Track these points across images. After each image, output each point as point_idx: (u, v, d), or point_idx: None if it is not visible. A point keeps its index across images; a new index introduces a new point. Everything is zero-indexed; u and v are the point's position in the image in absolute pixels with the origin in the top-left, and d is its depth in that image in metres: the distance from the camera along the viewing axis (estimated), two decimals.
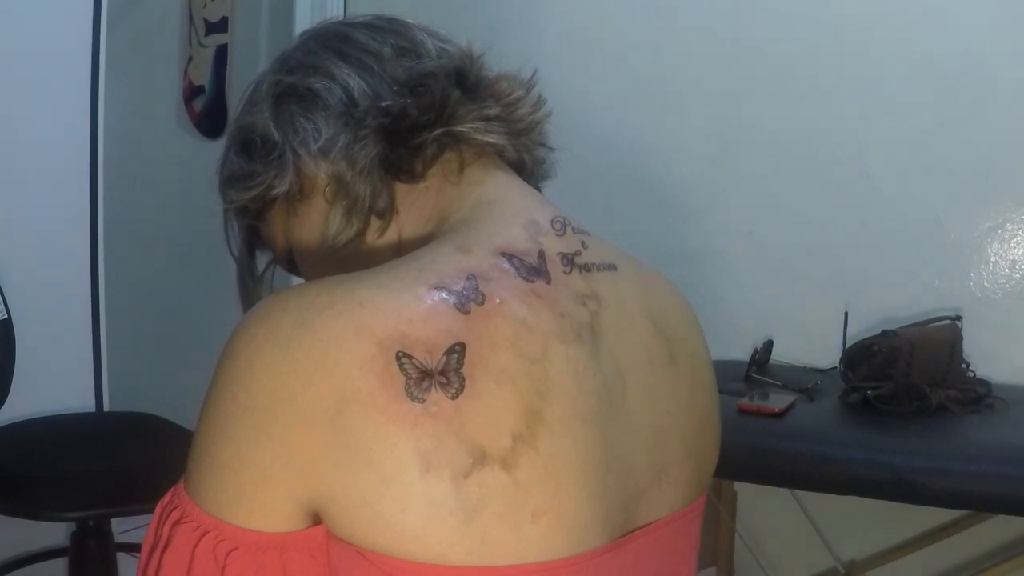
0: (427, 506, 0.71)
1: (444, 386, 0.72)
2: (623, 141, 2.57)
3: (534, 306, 0.77)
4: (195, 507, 0.74)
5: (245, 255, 0.98)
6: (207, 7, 2.77)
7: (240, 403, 0.73)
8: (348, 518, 0.72)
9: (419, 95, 0.86)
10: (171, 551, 0.74)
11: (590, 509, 0.77)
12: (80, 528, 2.22)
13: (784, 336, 2.35)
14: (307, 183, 0.89)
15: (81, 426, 2.45)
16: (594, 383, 0.79)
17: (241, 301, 0.98)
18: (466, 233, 0.82)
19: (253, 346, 0.73)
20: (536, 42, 2.65)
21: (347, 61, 0.88)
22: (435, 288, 0.75)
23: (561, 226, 0.85)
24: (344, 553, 0.73)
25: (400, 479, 0.71)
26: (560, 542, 0.75)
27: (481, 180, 0.88)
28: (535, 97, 0.92)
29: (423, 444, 0.71)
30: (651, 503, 0.84)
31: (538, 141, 0.94)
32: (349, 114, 0.86)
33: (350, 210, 0.87)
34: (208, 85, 2.80)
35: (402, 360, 0.72)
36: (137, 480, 2.04)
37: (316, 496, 0.72)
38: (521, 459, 0.73)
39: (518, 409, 0.74)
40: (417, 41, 0.90)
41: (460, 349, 0.73)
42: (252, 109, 0.91)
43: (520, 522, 0.73)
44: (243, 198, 0.91)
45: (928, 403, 1.93)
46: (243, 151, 0.91)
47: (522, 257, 0.80)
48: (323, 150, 0.87)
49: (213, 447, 0.74)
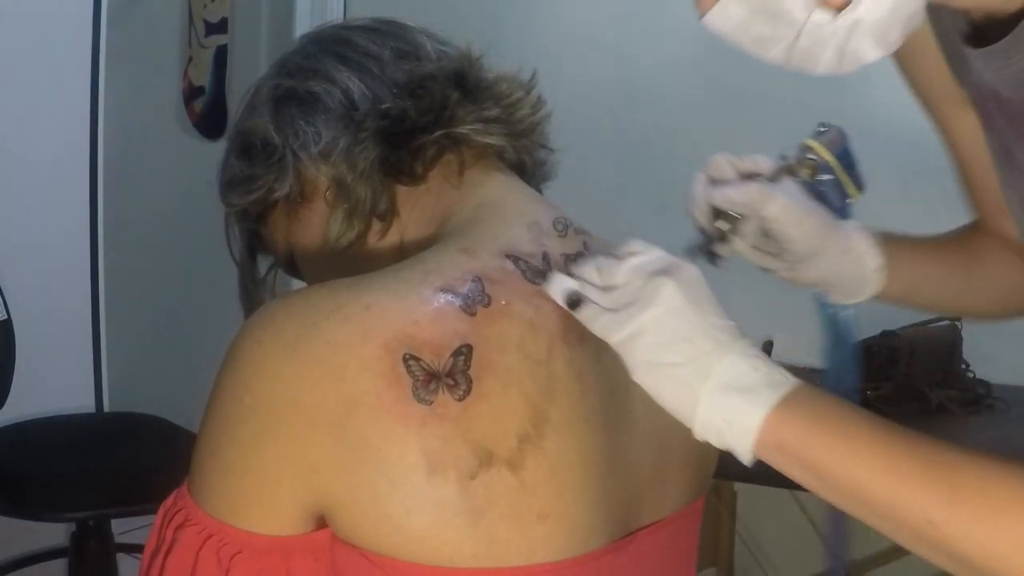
0: (433, 508, 0.71)
1: (451, 388, 0.72)
2: (623, 141, 2.57)
3: (539, 308, 0.78)
4: (199, 510, 0.74)
5: (247, 259, 0.98)
6: (207, 8, 2.77)
7: (245, 406, 0.73)
8: (354, 520, 0.72)
9: (419, 97, 0.86)
10: (174, 554, 0.74)
11: (593, 510, 0.77)
12: (80, 528, 2.21)
13: (784, 336, 2.35)
14: (308, 186, 0.89)
15: (81, 426, 2.45)
16: (597, 385, 0.79)
17: (242, 305, 0.98)
18: (470, 235, 0.82)
19: (259, 349, 0.73)
20: (536, 42, 2.65)
21: (347, 64, 0.88)
22: (441, 290, 0.75)
23: (563, 227, 0.85)
24: (349, 556, 0.73)
25: (407, 481, 0.71)
26: (564, 543, 0.75)
27: (482, 181, 0.88)
28: (535, 98, 0.92)
29: (430, 445, 0.71)
30: (652, 503, 0.84)
31: (538, 142, 0.94)
32: (349, 117, 0.87)
33: (351, 213, 0.87)
34: (208, 86, 2.80)
35: (409, 362, 0.72)
36: (137, 480, 2.04)
37: (322, 499, 0.73)
38: (527, 460, 0.73)
39: (524, 410, 0.74)
40: (416, 43, 0.90)
41: (467, 351, 0.74)
42: (252, 113, 0.91)
43: (526, 523, 0.73)
44: (244, 202, 0.91)
45: (928, 404, 1.94)
46: (243, 155, 0.91)
47: (527, 259, 0.81)
48: (323, 153, 0.87)
49: (217, 450, 0.74)
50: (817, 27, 0.73)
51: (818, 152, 0.93)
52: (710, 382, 0.70)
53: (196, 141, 2.83)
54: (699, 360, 0.71)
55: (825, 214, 0.95)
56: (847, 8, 0.72)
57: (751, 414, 0.69)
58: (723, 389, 0.70)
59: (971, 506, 0.66)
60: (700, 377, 0.70)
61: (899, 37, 0.75)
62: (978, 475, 0.67)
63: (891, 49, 0.75)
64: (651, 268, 0.74)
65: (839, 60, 0.75)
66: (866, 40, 0.73)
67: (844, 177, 0.94)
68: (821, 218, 0.95)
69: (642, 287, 0.73)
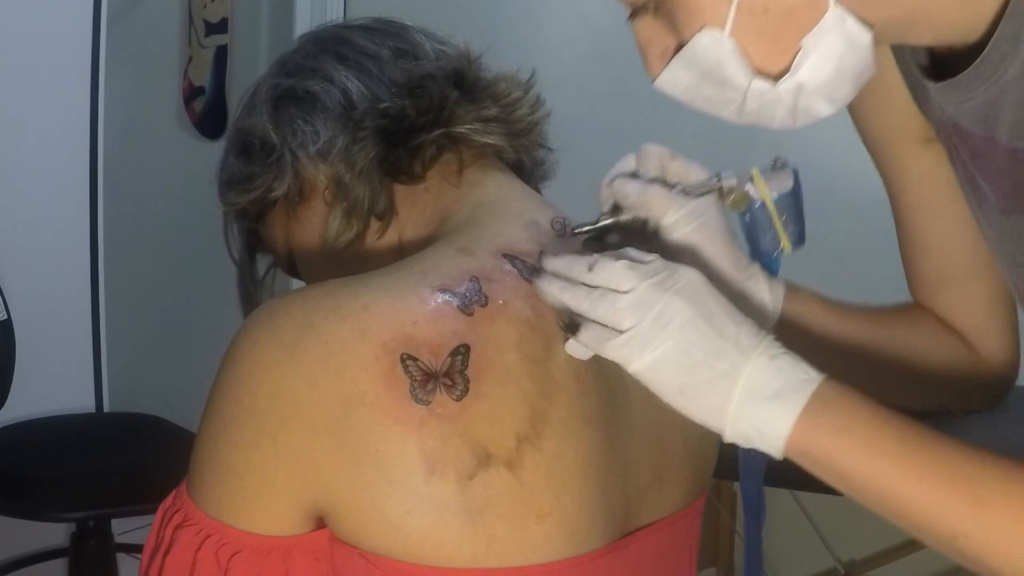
0: (432, 508, 0.71)
1: (449, 388, 0.72)
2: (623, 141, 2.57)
3: (537, 307, 0.78)
4: (197, 510, 0.75)
5: (245, 258, 0.98)
6: (207, 8, 2.77)
7: (243, 406, 0.73)
8: (353, 521, 0.72)
9: (417, 96, 0.86)
10: (173, 555, 0.74)
11: (592, 510, 0.77)
12: (80, 528, 2.21)
13: None
14: (306, 185, 0.89)
15: (81, 426, 2.45)
16: (595, 384, 0.79)
17: (241, 305, 0.98)
18: (468, 234, 0.82)
19: (257, 350, 0.73)
20: (535, 42, 2.65)
21: (345, 64, 0.89)
22: (439, 290, 0.75)
23: (561, 227, 0.85)
24: (348, 557, 0.73)
25: (406, 481, 0.71)
26: (563, 543, 0.75)
27: (481, 181, 0.88)
28: (534, 98, 0.92)
29: (428, 446, 0.71)
30: (652, 503, 0.84)
31: (537, 142, 0.94)
32: (347, 116, 0.87)
33: (349, 212, 0.87)
34: (208, 86, 2.80)
35: (407, 362, 0.72)
36: (137, 480, 2.04)
37: (320, 499, 0.73)
38: (525, 460, 0.73)
39: (522, 410, 0.74)
40: (415, 43, 0.90)
41: (464, 351, 0.74)
42: (251, 112, 0.92)
43: (525, 523, 0.73)
44: (242, 201, 0.92)
45: None
46: (242, 154, 0.91)
47: (524, 258, 0.80)
48: (322, 152, 0.87)
49: (216, 450, 0.74)
50: (760, 92, 0.73)
51: (757, 186, 0.81)
52: (736, 392, 0.69)
53: (196, 141, 2.83)
54: (725, 374, 0.69)
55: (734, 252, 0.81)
56: (786, 76, 0.72)
57: (778, 424, 0.69)
58: (749, 398, 0.69)
59: (996, 521, 0.66)
60: (728, 389, 0.69)
61: (850, 93, 0.74)
62: (1004, 488, 0.67)
63: (844, 103, 0.75)
64: (654, 279, 0.70)
65: (792, 118, 0.75)
66: (815, 99, 0.73)
67: (777, 223, 0.82)
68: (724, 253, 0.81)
69: (651, 304, 0.69)
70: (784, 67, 0.72)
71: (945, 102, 0.76)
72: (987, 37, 0.70)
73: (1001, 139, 0.72)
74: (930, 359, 0.92)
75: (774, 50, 0.71)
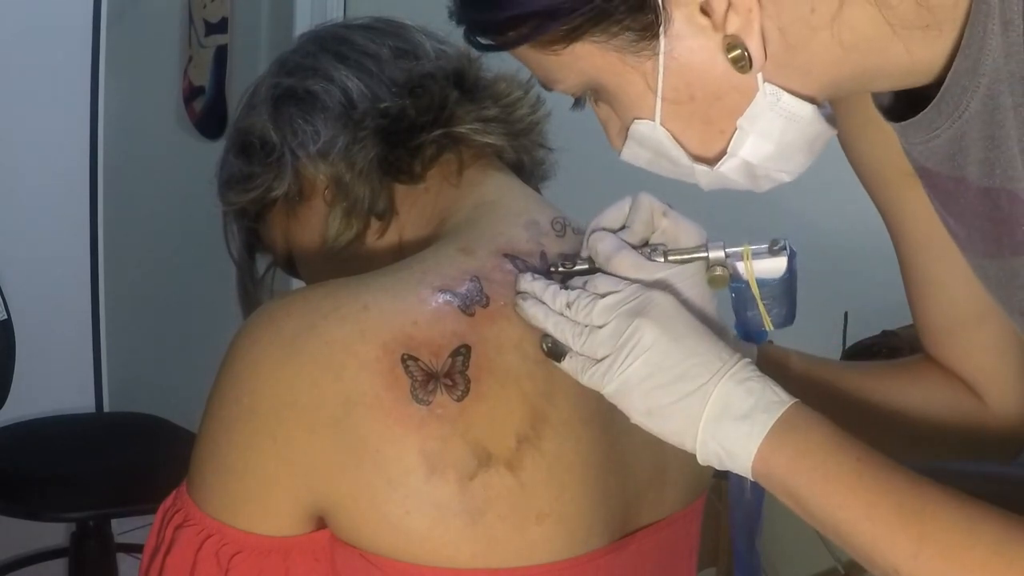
0: (432, 508, 0.71)
1: (449, 388, 0.72)
2: None
3: None
4: (198, 511, 0.75)
5: (245, 258, 0.98)
6: (207, 8, 2.77)
7: (244, 406, 0.73)
8: (354, 521, 0.72)
9: (417, 96, 0.86)
10: (173, 555, 0.74)
11: (592, 510, 0.77)
12: (80, 528, 2.22)
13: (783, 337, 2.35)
14: (306, 185, 0.89)
15: (81, 426, 2.46)
16: None
17: (241, 305, 0.98)
18: (468, 234, 0.82)
19: (257, 350, 0.73)
20: None
21: (345, 63, 0.88)
22: (439, 290, 0.75)
23: (561, 227, 0.85)
24: (348, 557, 0.73)
25: (406, 481, 0.71)
26: (563, 543, 0.75)
27: (481, 181, 0.88)
28: (534, 98, 0.92)
29: (428, 446, 0.71)
30: (652, 504, 0.84)
31: (537, 142, 0.94)
32: (347, 116, 0.87)
33: (349, 212, 0.87)
34: (208, 86, 2.80)
35: (407, 363, 0.72)
36: (137, 480, 2.04)
37: (321, 499, 0.73)
38: (525, 461, 0.73)
39: (523, 411, 0.74)
40: (415, 42, 0.90)
41: (465, 351, 0.74)
42: (251, 111, 0.92)
43: (525, 524, 0.73)
44: (242, 200, 0.92)
45: None
46: (242, 153, 0.91)
47: (524, 258, 0.80)
48: (322, 152, 0.87)
49: (217, 451, 0.74)
50: (704, 172, 0.72)
51: (745, 267, 0.79)
52: (706, 413, 0.70)
53: (196, 141, 2.83)
54: (694, 395, 0.70)
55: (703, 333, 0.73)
56: (724, 157, 0.71)
57: (745, 445, 0.69)
58: (718, 418, 0.69)
59: (934, 563, 0.65)
60: (696, 410, 0.70)
61: (805, 160, 0.73)
62: (946, 527, 0.66)
63: (803, 169, 0.73)
64: (625, 308, 0.71)
65: (754, 185, 0.74)
66: (769, 170, 0.72)
67: (761, 307, 0.80)
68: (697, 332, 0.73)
69: (621, 332, 0.71)
70: (723, 148, 0.71)
71: (910, 142, 0.74)
72: (945, 74, 0.67)
73: (972, 179, 0.69)
74: (927, 411, 0.89)
75: (710, 132, 0.71)
